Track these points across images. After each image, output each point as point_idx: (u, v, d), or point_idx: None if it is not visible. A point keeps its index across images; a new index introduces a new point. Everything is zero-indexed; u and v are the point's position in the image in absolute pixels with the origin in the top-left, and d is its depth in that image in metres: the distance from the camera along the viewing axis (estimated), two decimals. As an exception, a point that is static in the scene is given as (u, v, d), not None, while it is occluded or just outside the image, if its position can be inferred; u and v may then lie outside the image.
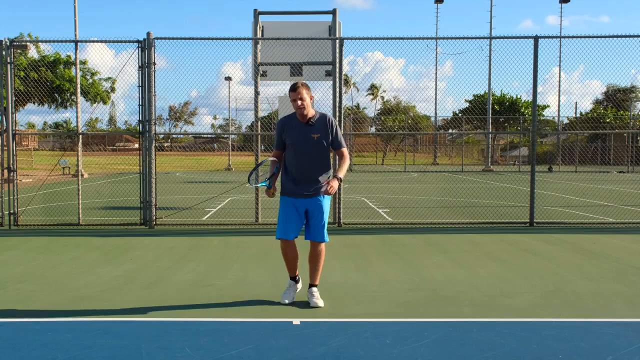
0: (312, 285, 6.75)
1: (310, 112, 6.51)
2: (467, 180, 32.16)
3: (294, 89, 6.43)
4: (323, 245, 6.72)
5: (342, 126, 13.19)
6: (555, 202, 18.89)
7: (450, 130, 62.67)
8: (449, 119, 63.43)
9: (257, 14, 14.05)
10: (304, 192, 6.52)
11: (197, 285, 7.70)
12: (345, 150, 6.70)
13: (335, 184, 6.30)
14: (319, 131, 6.51)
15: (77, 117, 13.97)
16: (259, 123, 13.70)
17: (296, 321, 6.03)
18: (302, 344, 5.34)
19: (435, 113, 59.19)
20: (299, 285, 6.89)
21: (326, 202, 6.62)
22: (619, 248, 10.56)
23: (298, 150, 6.52)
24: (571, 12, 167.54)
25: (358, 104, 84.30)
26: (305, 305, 6.64)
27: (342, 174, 6.48)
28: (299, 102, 6.39)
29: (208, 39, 12.80)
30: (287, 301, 6.65)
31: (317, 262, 6.71)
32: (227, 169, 44.41)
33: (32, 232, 12.31)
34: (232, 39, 12.89)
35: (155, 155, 12.79)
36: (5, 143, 12.85)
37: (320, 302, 6.54)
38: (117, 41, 12.98)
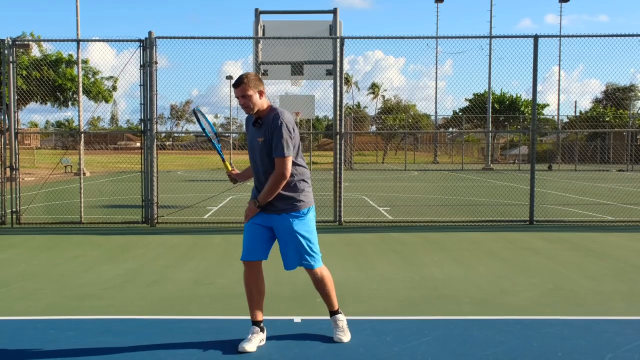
0: (332, 312, 5.55)
1: (263, 109, 5.26)
2: (467, 178, 32.18)
3: (236, 84, 5.19)
4: (317, 270, 5.38)
5: (343, 124, 13.21)
6: (555, 200, 18.92)
7: (450, 129, 62.78)
8: (449, 117, 63.51)
9: (258, 13, 14.09)
10: (265, 205, 5.29)
11: (199, 283, 7.74)
12: (279, 161, 5.11)
13: (249, 210, 5.32)
14: (264, 133, 5.18)
15: (79, 116, 14.02)
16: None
17: (297, 319, 6.06)
18: (303, 342, 5.38)
19: (436, 112, 59.18)
20: (264, 336, 5.38)
21: (300, 223, 5.30)
22: (618, 246, 10.59)
23: (250, 156, 5.41)
24: (570, 12, 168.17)
25: (359, 102, 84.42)
26: (307, 302, 6.66)
27: (262, 197, 5.19)
28: (241, 101, 5.20)
29: (210, 38, 12.87)
30: (247, 349, 5.15)
31: (322, 289, 5.46)
32: (228, 167, 44.37)
33: (34, 231, 12.36)
34: (234, 38, 12.94)
35: (156, 153, 12.86)
36: (7, 141, 12.90)
37: (345, 337, 5.41)
38: (119, 40, 13.05)
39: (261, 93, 5.23)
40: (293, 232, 5.26)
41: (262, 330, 5.35)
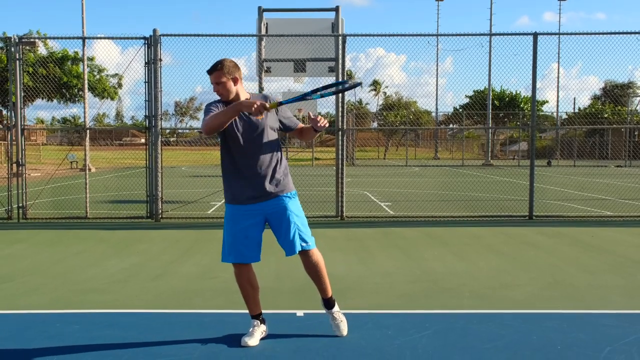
0: (326, 300, 5.47)
1: (242, 94, 5.19)
2: (467, 174, 32.20)
3: (211, 71, 5.13)
4: (314, 251, 5.30)
5: (345, 121, 13.28)
6: (554, 195, 18.95)
7: (450, 125, 62.73)
8: (449, 114, 63.37)
9: (261, 11, 14.16)
10: (258, 193, 5.16)
11: (202, 277, 7.80)
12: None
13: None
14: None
15: (84, 113, 14.07)
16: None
17: (300, 313, 6.11)
18: (305, 335, 5.43)
19: (436, 108, 59.23)
20: (265, 327, 5.41)
21: (291, 202, 5.25)
22: (616, 241, 10.66)
23: (245, 142, 5.14)
24: (567, 9, 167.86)
25: (360, 99, 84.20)
26: (308, 296, 6.72)
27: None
28: (215, 88, 5.14)
29: (214, 35, 12.90)
30: (250, 344, 5.19)
31: (317, 274, 5.35)
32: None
33: (40, 225, 12.46)
34: (237, 35, 12.99)
35: (161, 149, 12.94)
36: (14, 138, 12.98)
37: (345, 330, 5.41)
38: (124, 38, 13.17)
39: (235, 80, 5.15)
40: (290, 211, 5.20)
41: (262, 322, 5.38)
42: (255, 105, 4.78)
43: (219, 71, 5.08)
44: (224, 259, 5.30)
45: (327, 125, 5.13)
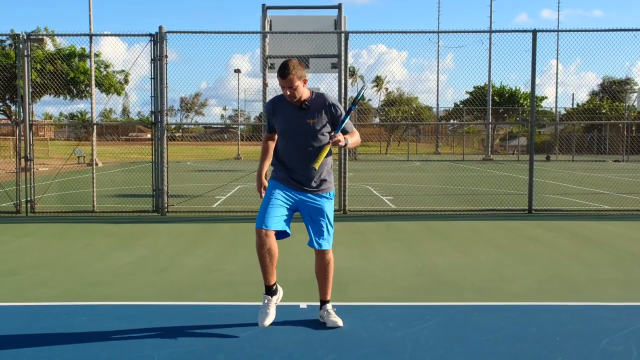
0: (324, 302, 5.65)
1: (305, 94, 5.25)
2: (467, 169, 32.27)
3: (283, 74, 5.10)
4: (329, 253, 5.47)
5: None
6: (553, 190, 19.02)
7: (451, 121, 62.90)
8: (450, 109, 63.62)
9: (265, 8, 14.24)
10: (298, 183, 5.34)
11: (207, 270, 7.88)
12: (356, 132, 5.46)
13: (340, 136, 5.13)
14: (314, 116, 5.25)
15: (91, 108, 14.18)
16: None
17: (303, 305, 6.16)
18: (308, 327, 5.48)
19: (437, 104, 59.35)
20: (280, 294, 5.53)
21: (327, 204, 5.43)
22: (614, 235, 10.72)
23: (289, 139, 5.34)
24: (565, 7, 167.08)
25: (363, 95, 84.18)
26: (312, 288, 6.80)
27: (349, 137, 5.30)
28: (288, 92, 5.16)
29: (219, 32, 12.99)
30: (267, 324, 5.26)
31: (325, 274, 5.53)
32: (237, 158, 44.69)
33: (48, 219, 12.52)
34: (242, 32, 13.05)
35: (167, 144, 13.02)
36: (22, 133, 13.07)
37: (340, 321, 5.46)
38: (130, 35, 13.20)
39: (304, 81, 5.21)
40: (325, 213, 5.38)
41: (275, 292, 5.39)
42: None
43: (292, 75, 5.08)
44: (257, 226, 5.20)
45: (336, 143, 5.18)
